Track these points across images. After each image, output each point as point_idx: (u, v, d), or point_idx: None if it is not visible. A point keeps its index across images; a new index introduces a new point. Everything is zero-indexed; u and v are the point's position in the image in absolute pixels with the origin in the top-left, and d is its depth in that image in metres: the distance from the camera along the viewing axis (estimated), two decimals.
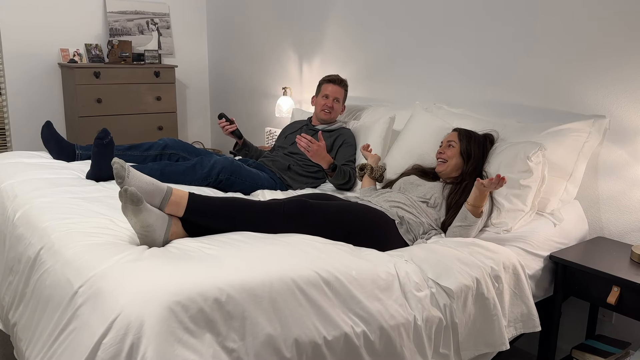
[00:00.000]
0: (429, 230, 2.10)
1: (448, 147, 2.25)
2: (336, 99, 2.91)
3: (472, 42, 2.70)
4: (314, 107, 2.99)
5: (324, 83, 2.96)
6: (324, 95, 2.92)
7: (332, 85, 2.92)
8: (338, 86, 2.92)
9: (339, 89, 2.92)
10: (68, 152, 2.73)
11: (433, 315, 1.64)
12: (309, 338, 1.41)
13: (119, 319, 1.21)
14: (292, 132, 3.02)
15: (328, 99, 2.91)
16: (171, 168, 2.42)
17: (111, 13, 4.36)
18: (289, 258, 1.53)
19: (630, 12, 2.09)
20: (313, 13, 3.69)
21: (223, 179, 2.42)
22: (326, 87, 2.93)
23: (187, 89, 4.93)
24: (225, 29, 4.66)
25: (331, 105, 2.90)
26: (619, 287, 1.85)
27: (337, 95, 2.91)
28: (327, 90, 2.92)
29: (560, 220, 2.14)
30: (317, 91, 2.99)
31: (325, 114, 2.91)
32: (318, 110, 2.94)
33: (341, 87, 2.94)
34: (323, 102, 2.91)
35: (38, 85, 4.19)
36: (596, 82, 2.22)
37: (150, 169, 2.37)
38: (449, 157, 2.22)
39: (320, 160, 2.51)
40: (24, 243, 1.74)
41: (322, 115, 2.92)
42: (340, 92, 2.93)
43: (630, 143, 2.14)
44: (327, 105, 2.90)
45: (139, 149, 2.72)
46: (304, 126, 3.01)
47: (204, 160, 2.45)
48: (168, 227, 1.67)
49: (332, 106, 2.90)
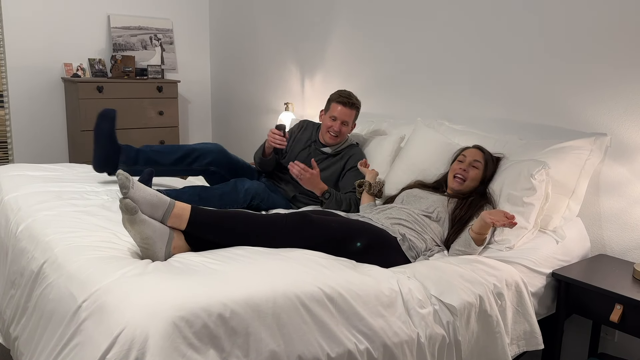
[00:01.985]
0: (432, 247, 2.10)
1: (472, 167, 2.22)
2: (344, 122, 2.68)
3: (474, 59, 2.72)
4: (321, 124, 2.79)
5: (333, 102, 2.71)
6: (332, 116, 2.69)
7: (341, 107, 2.67)
8: (349, 109, 2.68)
9: (349, 111, 2.68)
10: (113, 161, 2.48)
11: (436, 333, 1.63)
12: (312, 355, 1.40)
13: (123, 333, 1.21)
14: (300, 150, 2.81)
15: (335, 122, 2.68)
16: (207, 193, 2.38)
17: (115, 28, 4.40)
18: (293, 273, 1.53)
19: (631, 30, 2.11)
20: (315, 29, 3.72)
21: (254, 204, 2.45)
22: (335, 107, 2.69)
23: (189, 104, 4.96)
24: (227, 44, 4.70)
25: (338, 129, 2.68)
26: (621, 305, 1.85)
27: (346, 118, 2.68)
28: (336, 111, 2.68)
29: (562, 238, 2.15)
30: (326, 108, 2.77)
31: (331, 138, 2.71)
32: (324, 131, 2.74)
33: (352, 109, 2.70)
34: (330, 124, 2.69)
35: (41, 99, 4.21)
36: (597, 99, 2.24)
37: (189, 196, 2.33)
38: (471, 179, 2.20)
39: (313, 188, 2.47)
40: (27, 256, 1.74)
41: (327, 138, 2.72)
42: (350, 115, 2.69)
43: (631, 161, 2.16)
44: (333, 128, 2.68)
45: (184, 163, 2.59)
46: (313, 143, 2.81)
47: (237, 186, 2.44)
48: (169, 240, 1.67)
49: (339, 130, 2.68)
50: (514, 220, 1.81)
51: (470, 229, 2.00)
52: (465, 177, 2.20)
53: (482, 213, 1.92)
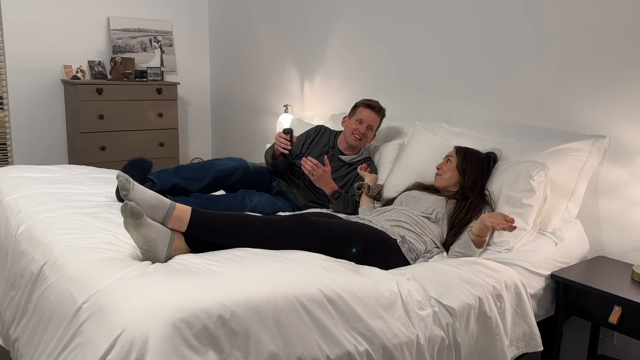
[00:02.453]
0: (431, 249, 2.10)
1: (446, 162, 2.31)
2: (370, 126, 2.70)
3: (473, 62, 2.73)
4: (344, 129, 2.79)
5: (360, 106, 2.74)
6: (359, 119, 2.70)
7: (368, 111, 2.70)
8: (375, 114, 2.71)
9: (375, 116, 2.71)
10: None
11: (436, 334, 1.63)
12: (312, 356, 1.40)
13: (123, 335, 1.21)
14: (318, 155, 2.78)
15: (361, 125, 2.69)
16: (213, 205, 2.37)
17: (114, 30, 4.41)
18: (293, 275, 1.53)
19: (629, 33, 2.12)
20: (315, 31, 3.73)
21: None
22: (362, 111, 2.71)
23: (188, 106, 4.96)
24: (227, 46, 4.71)
25: (364, 132, 2.69)
26: (620, 307, 1.85)
27: (372, 122, 2.70)
28: (363, 115, 2.70)
29: (561, 239, 2.15)
30: (351, 113, 2.78)
31: (355, 140, 2.70)
32: (348, 134, 2.73)
33: (378, 115, 2.73)
34: (355, 127, 2.70)
35: (41, 101, 4.22)
36: (596, 102, 2.25)
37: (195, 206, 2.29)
38: (444, 171, 2.28)
39: (324, 185, 2.48)
40: (27, 258, 1.74)
41: (351, 140, 2.71)
42: (375, 120, 2.72)
43: (630, 163, 2.16)
44: (359, 130, 2.69)
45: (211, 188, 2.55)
46: (331, 149, 2.80)
47: (245, 201, 2.45)
48: (170, 242, 1.68)
49: (364, 133, 2.69)
50: (513, 223, 1.82)
51: (469, 231, 2.01)
52: (440, 172, 2.29)
53: (482, 215, 1.93)
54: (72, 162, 4.27)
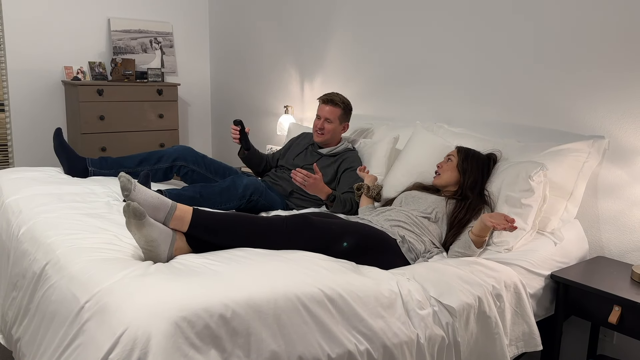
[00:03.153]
0: (431, 249, 2.11)
1: (446, 161, 2.32)
2: (327, 119, 2.77)
3: (473, 62, 2.74)
4: None
5: (319, 103, 2.85)
6: (317, 116, 2.82)
7: (322, 106, 2.80)
8: (330, 106, 2.78)
9: (330, 108, 2.77)
10: (79, 167, 2.69)
11: (436, 334, 1.64)
12: (312, 355, 1.41)
13: (126, 334, 1.22)
14: (298, 152, 2.93)
15: (319, 120, 2.79)
16: (207, 190, 2.44)
17: (115, 32, 4.42)
18: (293, 275, 1.54)
19: (629, 33, 2.13)
20: (315, 32, 3.74)
21: (254, 200, 2.50)
22: (319, 108, 2.82)
23: (189, 107, 4.97)
24: (227, 47, 4.72)
25: (322, 126, 2.77)
26: (620, 307, 1.86)
27: (328, 115, 2.77)
28: (319, 110, 2.81)
29: (560, 240, 2.16)
30: None
31: (317, 136, 2.81)
32: (313, 131, 2.85)
33: (333, 106, 2.78)
34: (315, 123, 2.82)
35: (41, 102, 4.22)
36: (595, 102, 2.26)
37: (190, 196, 2.38)
38: (444, 171, 2.29)
39: (318, 192, 2.49)
40: (29, 259, 1.75)
41: (315, 136, 2.83)
42: (332, 112, 2.77)
43: (629, 163, 2.17)
44: (317, 126, 2.79)
45: (148, 163, 2.73)
46: (310, 146, 2.91)
47: (236, 182, 2.50)
48: (172, 242, 1.69)
49: (322, 127, 2.77)
50: (514, 223, 1.83)
51: (470, 231, 2.02)
52: (440, 171, 2.30)
53: (482, 216, 1.94)
54: None
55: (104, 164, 2.74)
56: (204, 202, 2.38)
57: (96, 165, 2.73)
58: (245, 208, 2.52)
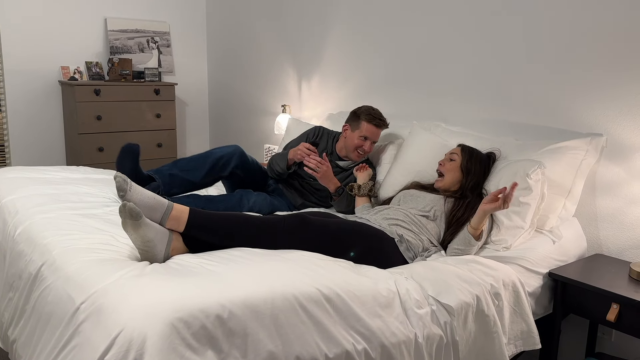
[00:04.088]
0: (429, 248, 2.11)
1: (449, 160, 2.29)
2: (374, 142, 2.67)
3: (470, 62, 2.73)
4: (346, 139, 2.69)
5: (364, 120, 2.62)
6: (363, 136, 2.62)
7: (373, 128, 2.62)
8: (380, 129, 2.66)
9: (379, 132, 2.66)
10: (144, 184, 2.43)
11: (434, 333, 1.64)
12: (310, 355, 1.41)
13: (122, 335, 1.21)
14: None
15: (366, 142, 2.62)
16: (211, 206, 2.36)
17: (112, 31, 4.41)
18: (291, 274, 1.54)
19: (625, 33, 2.12)
20: (312, 31, 3.73)
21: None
22: (367, 127, 2.61)
23: (186, 107, 4.96)
24: (224, 47, 4.71)
25: (369, 149, 2.65)
26: (618, 305, 1.86)
27: (376, 138, 2.66)
28: (368, 131, 2.62)
29: (559, 238, 2.16)
30: (354, 124, 2.66)
31: (358, 156, 2.67)
32: (351, 149, 2.66)
33: (383, 129, 2.68)
34: (359, 143, 2.62)
35: (38, 102, 4.21)
36: (593, 100, 2.25)
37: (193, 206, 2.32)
38: (447, 171, 2.26)
39: (327, 182, 2.48)
40: (25, 259, 1.74)
41: (354, 156, 2.67)
42: (379, 134, 2.68)
43: (627, 161, 2.17)
44: (363, 148, 2.63)
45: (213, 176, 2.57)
46: (329, 155, 2.75)
47: (243, 201, 2.46)
48: (169, 242, 1.68)
49: (369, 150, 2.65)
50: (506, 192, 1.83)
51: (468, 225, 2.01)
52: (442, 170, 2.27)
53: (479, 207, 1.93)
54: (70, 163, 4.26)
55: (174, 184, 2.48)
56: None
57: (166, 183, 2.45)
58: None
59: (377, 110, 2.69)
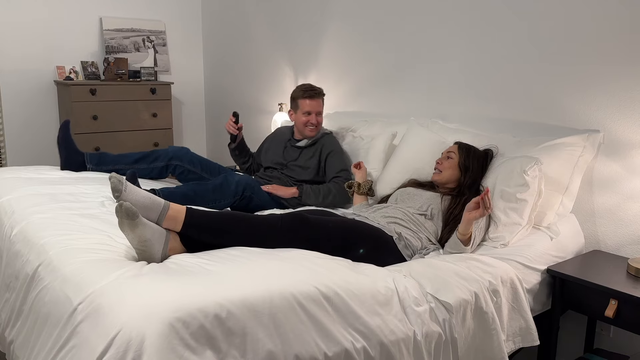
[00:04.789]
0: (427, 246, 2.10)
1: (447, 158, 2.29)
2: (319, 112, 2.83)
3: (467, 58, 2.73)
4: (295, 122, 2.88)
5: (299, 99, 2.82)
6: (306, 112, 2.80)
7: (310, 101, 2.80)
8: (318, 99, 2.82)
9: (319, 101, 2.83)
10: (76, 161, 2.73)
11: (432, 330, 1.64)
12: (309, 354, 1.40)
13: (120, 335, 1.21)
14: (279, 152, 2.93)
15: (311, 116, 2.80)
16: (200, 188, 2.45)
17: (107, 31, 4.39)
18: (289, 273, 1.53)
19: (623, 27, 2.12)
20: (309, 29, 3.73)
21: (247, 196, 2.51)
22: (305, 103, 2.80)
23: (183, 106, 4.95)
24: (220, 45, 4.70)
25: (315, 121, 2.81)
26: (616, 300, 1.86)
27: (319, 108, 2.82)
28: (308, 106, 2.80)
29: (556, 234, 2.16)
30: (294, 106, 2.86)
31: (311, 131, 2.83)
32: (302, 128, 2.84)
33: (320, 98, 2.84)
34: (306, 119, 2.81)
35: (34, 102, 4.19)
36: (590, 96, 2.25)
37: (183, 193, 2.39)
38: (445, 168, 2.27)
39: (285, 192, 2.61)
40: (22, 260, 1.73)
41: (308, 132, 2.83)
42: (320, 105, 2.84)
43: (624, 157, 2.17)
44: (311, 122, 2.81)
45: (145, 161, 2.75)
46: (287, 142, 2.93)
47: (228, 178, 2.52)
48: (166, 242, 1.67)
49: (316, 121, 2.82)
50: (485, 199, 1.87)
51: (456, 231, 2.01)
52: (440, 168, 2.28)
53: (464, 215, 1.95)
54: None
55: (101, 161, 2.77)
56: (197, 200, 2.37)
57: (94, 161, 2.76)
58: (238, 206, 2.51)
59: (306, 84, 2.91)
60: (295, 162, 2.84)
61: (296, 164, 2.83)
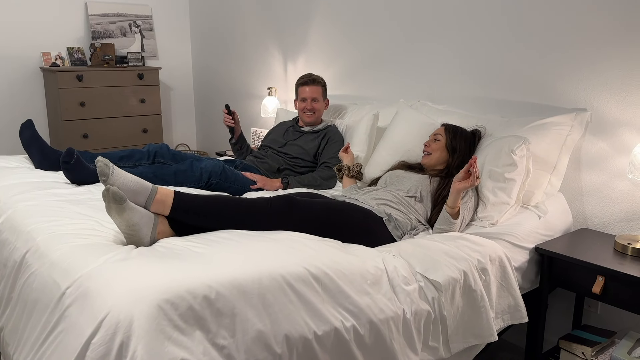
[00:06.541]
0: (417, 226, 2.11)
1: (434, 140, 2.29)
2: (314, 99, 2.93)
3: (455, 40, 2.72)
4: (298, 111, 3.02)
5: (299, 87, 2.99)
6: (302, 98, 2.95)
7: (306, 87, 2.94)
8: (313, 86, 2.94)
9: (314, 88, 2.94)
10: (52, 160, 2.54)
11: (422, 309, 1.65)
12: (299, 333, 1.41)
13: (108, 318, 1.21)
14: (281, 134, 3.04)
15: (306, 102, 2.93)
16: (163, 170, 2.43)
17: (93, 16, 4.33)
18: (278, 255, 1.54)
19: (609, 6, 2.12)
20: (297, 12, 3.69)
21: (213, 183, 2.48)
22: (302, 90, 2.95)
23: (171, 91, 4.91)
24: (208, 29, 4.65)
25: (311, 107, 2.93)
26: (603, 277, 1.88)
27: (314, 95, 2.93)
28: (304, 93, 2.94)
29: (544, 213, 2.17)
30: (295, 94, 3.02)
31: (309, 117, 2.95)
32: (301, 114, 2.98)
33: (316, 85, 2.94)
34: (302, 106, 2.95)
35: (20, 90, 4.14)
36: (577, 76, 2.26)
37: (141, 172, 2.37)
38: (433, 150, 2.27)
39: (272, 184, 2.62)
40: (9, 247, 1.73)
41: (305, 118, 2.95)
42: (317, 91, 2.94)
43: (611, 135, 2.18)
44: (307, 108, 2.93)
45: (130, 160, 2.67)
46: (290, 127, 3.04)
47: (194, 165, 2.49)
48: (154, 226, 1.67)
49: (312, 107, 2.93)
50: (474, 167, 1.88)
51: (445, 204, 2.02)
52: (429, 150, 2.29)
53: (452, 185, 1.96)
54: None
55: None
56: (157, 182, 2.34)
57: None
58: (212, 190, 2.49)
59: (306, 74, 3.03)
60: (295, 142, 2.92)
61: (295, 143, 2.91)
